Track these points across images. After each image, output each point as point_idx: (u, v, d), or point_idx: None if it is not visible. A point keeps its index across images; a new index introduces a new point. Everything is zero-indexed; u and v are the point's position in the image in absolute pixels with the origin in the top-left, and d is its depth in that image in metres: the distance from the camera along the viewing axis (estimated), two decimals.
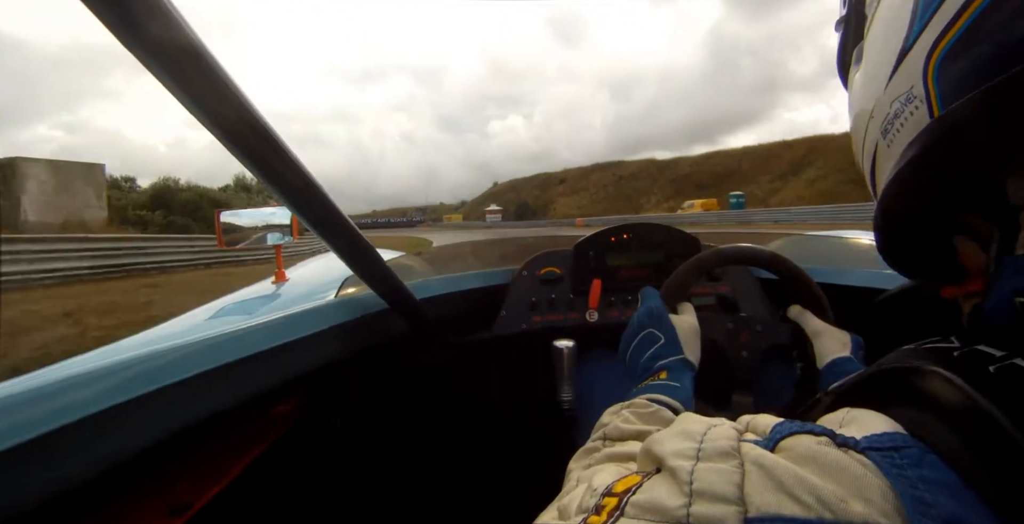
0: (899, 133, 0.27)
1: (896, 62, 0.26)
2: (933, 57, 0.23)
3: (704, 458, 0.20)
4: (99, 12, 0.26)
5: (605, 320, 0.95)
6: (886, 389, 0.23)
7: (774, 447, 0.20)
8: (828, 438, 0.20)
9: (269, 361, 0.55)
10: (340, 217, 0.49)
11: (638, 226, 0.99)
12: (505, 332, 0.94)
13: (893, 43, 0.26)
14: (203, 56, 0.31)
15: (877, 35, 0.29)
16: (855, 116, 0.33)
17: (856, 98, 0.33)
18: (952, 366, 0.20)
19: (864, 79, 0.31)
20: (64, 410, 0.36)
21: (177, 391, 0.44)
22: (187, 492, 0.56)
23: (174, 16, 0.28)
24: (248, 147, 0.38)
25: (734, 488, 0.18)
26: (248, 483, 0.63)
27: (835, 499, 0.17)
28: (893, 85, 0.27)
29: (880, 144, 0.30)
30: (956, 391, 0.19)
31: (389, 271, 0.61)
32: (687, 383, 0.53)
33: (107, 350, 0.71)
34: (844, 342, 0.63)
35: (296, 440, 0.77)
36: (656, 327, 0.60)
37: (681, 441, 0.22)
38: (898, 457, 0.18)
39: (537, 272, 0.98)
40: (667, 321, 0.61)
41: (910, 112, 0.26)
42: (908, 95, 0.25)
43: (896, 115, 0.27)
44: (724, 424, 0.23)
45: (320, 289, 0.97)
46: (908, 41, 0.25)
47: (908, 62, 0.25)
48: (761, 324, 0.75)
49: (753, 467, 0.19)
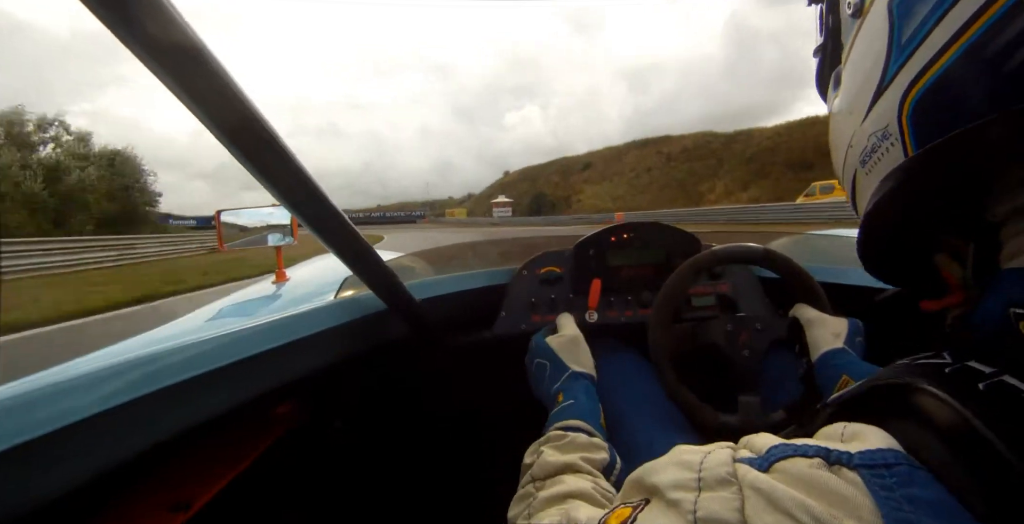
0: (877, 165, 0.28)
1: (873, 98, 0.27)
2: (908, 99, 0.24)
3: (705, 488, 0.21)
4: (95, 9, 0.26)
5: (605, 320, 0.95)
6: (882, 404, 0.24)
7: (768, 468, 0.21)
8: (821, 459, 0.20)
9: (269, 362, 0.55)
10: (339, 217, 0.49)
11: (638, 225, 0.99)
12: (505, 332, 0.94)
13: (870, 79, 0.27)
14: (202, 54, 0.31)
15: (854, 68, 0.30)
16: (835, 140, 0.35)
17: (836, 125, 0.34)
18: (944, 383, 0.21)
19: (843, 108, 0.32)
20: (66, 411, 0.36)
21: (178, 392, 0.44)
22: (187, 492, 0.56)
23: (173, 14, 0.28)
24: (246, 146, 0.37)
25: (736, 513, 0.19)
26: (248, 483, 0.64)
27: (829, 517, 0.18)
28: (870, 120, 0.28)
29: (859, 172, 0.31)
30: (947, 409, 0.20)
31: (388, 272, 0.61)
32: (581, 395, 0.58)
33: (109, 352, 0.72)
34: (837, 332, 0.64)
35: (296, 441, 0.77)
36: (538, 357, 0.67)
37: (679, 472, 0.23)
38: (888, 475, 0.19)
39: (537, 272, 0.98)
40: (544, 347, 0.68)
41: (886, 148, 0.27)
42: (884, 132, 0.27)
43: (873, 149, 0.28)
44: (717, 449, 0.24)
45: (320, 290, 0.97)
46: (884, 80, 0.26)
47: (884, 100, 0.26)
48: (760, 322, 0.75)
49: (751, 491, 0.20)
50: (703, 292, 0.96)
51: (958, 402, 0.19)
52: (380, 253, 0.60)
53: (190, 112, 0.34)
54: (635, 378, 0.85)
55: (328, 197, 0.46)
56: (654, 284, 0.95)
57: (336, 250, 0.53)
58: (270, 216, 1.33)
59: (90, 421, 0.37)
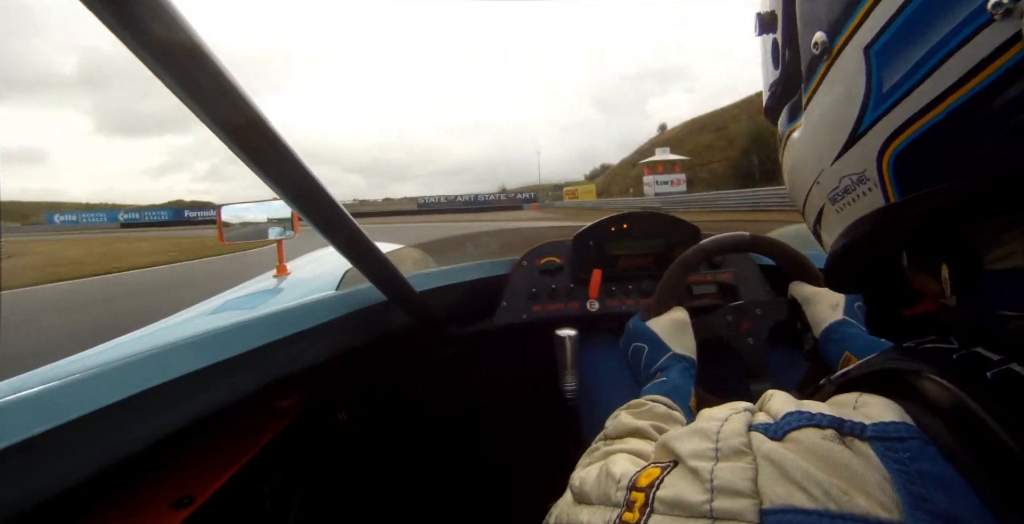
0: (851, 206, 0.27)
1: (845, 144, 0.26)
2: (890, 148, 0.23)
3: (722, 458, 0.22)
4: (97, 11, 0.26)
5: (606, 309, 0.95)
6: (888, 388, 0.23)
7: (783, 436, 0.22)
8: (834, 430, 0.21)
9: (271, 355, 0.56)
10: (339, 211, 0.49)
11: (638, 215, 0.98)
12: (506, 323, 0.94)
13: (841, 123, 0.25)
14: (201, 53, 0.31)
15: (821, 109, 0.28)
16: (796, 170, 0.33)
17: (797, 156, 0.32)
18: (950, 370, 0.21)
19: (805, 144, 0.31)
20: (70, 406, 0.36)
21: (181, 386, 0.44)
22: (192, 485, 0.56)
23: (173, 14, 0.28)
24: (245, 141, 0.37)
25: (750, 483, 0.20)
26: (251, 476, 0.64)
27: (839, 492, 0.18)
28: (842, 163, 0.26)
29: (828, 208, 0.30)
30: (953, 398, 0.20)
31: (389, 264, 0.61)
32: (675, 374, 0.58)
33: (111, 346, 0.72)
34: (834, 303, 0.64)
35: (300, 433, 0.78)
36: (638, 341, 0.66)
37: (699, 441, 0.24)
38: (901, 448, 0.19)
39: (537, 262, 0.98)
40: (645, 330, 0.66)
41: (863, 192, 0.26)
42: (860, 176, 0.25)
43: (847, 190, 0.27)
44: (734, 415, 0.25)
45: (321, 282, 0.97)
46: (861, 124, 0.24)
47: (860, 146, 0.25)
48: (760, 307, 0.75)
49: (765, 462, 0.20)
50: (703, 280, 0.96)
51: (965, 392, 0.19)
52: (380, 245, 0.60)
53: (188, 109, 0.33)
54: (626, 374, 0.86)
55: (328, 190, 0.46)
56: (655, 273, 0.95)
57: (336, 243, 0.53)
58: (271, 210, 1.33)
59: (94, 416, 0.37)
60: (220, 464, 0.62)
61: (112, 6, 0.26)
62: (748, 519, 0.19)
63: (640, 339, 0.65)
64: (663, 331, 0.64)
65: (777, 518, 0.19)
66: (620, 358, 0.92)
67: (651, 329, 0.65)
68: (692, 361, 0.62)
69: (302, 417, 0.79)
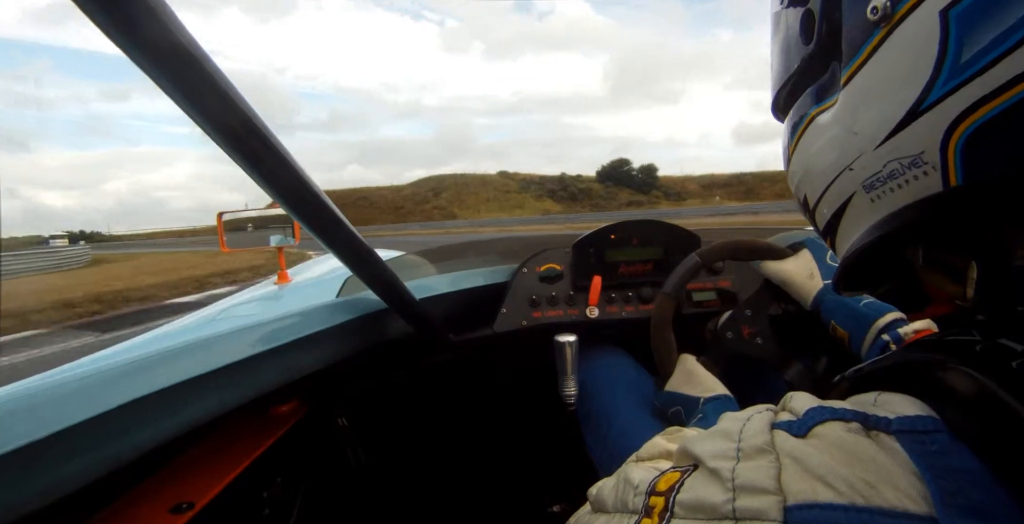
0: (892, 193, 0.25)
1: (901, 121, 0.23)
2: (960, 128, 0.20)
3: (744, 457, 0.21)
4: (90, 12, 0.26)
5: (605, 316, 0.95)
6: (909, 381, 0.23)
7: (807, 432, 0.21)
8: (859, 424, 0.20)
9: (271, 361, 0.56)
10: (338, 219, 0.49)
11: (637, 223, 0.99)
12: (506, 329, 0.94)
13: (898, 98, 0.23)
14: (197, 56, 0.31)
15: (869, 82, 0.25)
16: (815, 157, 0.30)
17: (825, 143, 0.29)
18: (975, 361, 0.20)
19: (840, 125, 0.28)
20: (69, 411, 0.36)
21: (180, 391, 0.44)
22: (190, 492, 0.56)
23: (167, 16, 0.28)
24: (244, 149, 0.37)
25: (773, 480, 0.19)
26: (251, 482, 0.64)
27: (865, 486, 0.18)
28: (893, 145, 0.24)
29: (858, 197, 0.27)
30: (980, 388, 0.19)
31: (389, 272, 0.61)
32: (710, 411, 0.60)
33: (111, 352, 0.72)
34: (809, 272, 0.66)
35: (299, 439, 0.78)
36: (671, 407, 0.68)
37: (720, 441, 0.23)
38: (928, 441, 0.19)
39: (537, 269, 0.99)
40: (670, 396, 0.68)
41: (912, 177, 0.23)
42: (915, 159, 0.23)
43: (892, 175, 0.24)
44: (756, 415, 0.24)
45: (322, 290, 0.98)
46: (927, 99, 0.21)
47: (921, 125, 0.22)
48: (748, 307, 0.77)
49: (788, 459, 0.20)
50: (702, 287, 0.97)
51: (992, 381, 0.19)
52: (380, 252, 0.60)
53: (187, 115, 0.34)
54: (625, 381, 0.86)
55: (327, 198, 0.46)
56: (654, 280, 0.96)
57: (335, 250, 0.53)
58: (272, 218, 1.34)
59: (92, 422, 0.37)
60: (219, 470, 0.61)
61: (105, 8, 0.26)
62: (772, 517, 0.18)
63: (672, 406, 0.67)
64: (683, 387, 0.66)
65: (802, 514, 0.18)
66: (620, 364, 0.92)
67: (673, 392, 0.67)
68: (724, 395, 0.63)
69: (302, 423, 0.79)
